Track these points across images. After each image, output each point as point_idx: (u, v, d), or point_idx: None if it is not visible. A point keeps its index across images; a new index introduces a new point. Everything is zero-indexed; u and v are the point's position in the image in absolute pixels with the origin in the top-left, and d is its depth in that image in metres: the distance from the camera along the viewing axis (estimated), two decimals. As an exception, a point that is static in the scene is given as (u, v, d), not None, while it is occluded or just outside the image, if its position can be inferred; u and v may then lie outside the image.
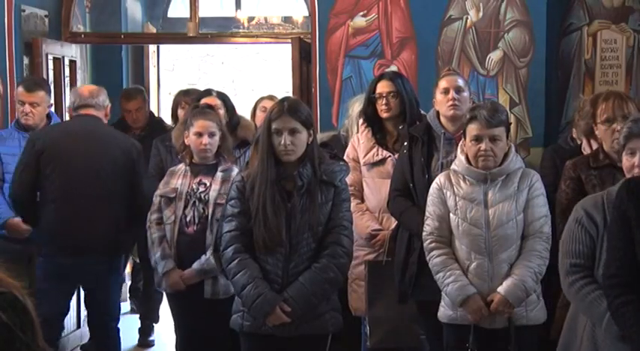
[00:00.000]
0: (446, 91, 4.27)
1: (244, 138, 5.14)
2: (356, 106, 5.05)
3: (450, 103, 4.25)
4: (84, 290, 4.96)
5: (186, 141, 4.49)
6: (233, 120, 5.15)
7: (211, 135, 4.45)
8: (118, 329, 4.96)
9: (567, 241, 3.12)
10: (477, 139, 3.80)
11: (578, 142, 4.68)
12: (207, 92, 5.27)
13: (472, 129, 3.81)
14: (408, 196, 4.28)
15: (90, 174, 4.70)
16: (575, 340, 3.16)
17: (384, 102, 4.61)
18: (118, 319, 4.98)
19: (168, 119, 6.39)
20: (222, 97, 5.22)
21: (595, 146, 4.28)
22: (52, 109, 5.62)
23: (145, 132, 6.29)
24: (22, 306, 1.63)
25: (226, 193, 4.32)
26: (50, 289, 4.64)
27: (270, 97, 6.14)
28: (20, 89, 5.35)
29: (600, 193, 3.17)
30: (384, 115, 4.63)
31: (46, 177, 4.70)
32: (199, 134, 4.43)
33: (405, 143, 4.35)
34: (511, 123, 4.81)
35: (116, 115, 6.09)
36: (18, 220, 5.12)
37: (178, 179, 4.47)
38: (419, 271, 4.14)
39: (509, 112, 5.78)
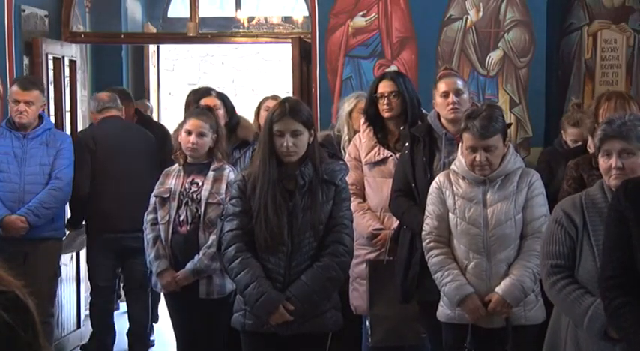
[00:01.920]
0: (445, 95, 4.25)
1: (244, 138, 5.14)
2: (345, 106, 5.07)
3: (450, 107, 4.24)
4: (123, 262, 5.64)
5: (179, 139, 4.51)
6: (233, 120, 5.15)
7: (200, 135, 4.45)
8: (149, 295, 5.76)
9: (547, 242, 3.13)
10: (472, 149, 3.78)
11: (570, 145, 4.75)
12: (207, 92, 5.26)
13: (467, 138, 3.78)
14: (409, 196, 4.28)
15: (124, 166, 5.45)
16: (560, 341, 3.16)
17: (385, 102, 4.61)
18: (150, 287, 5.38)
19: (168, 119, 6.35)
20: (222, 97, 5.22)
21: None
22: (52, 109, 5.62)
23: None
24: (24, 305, 1.63)
25: (218, 192, 4.35)
26: (100, 261, 5.59)
27: (274, 97, 6.12)
28: (15, 88, 5.27)
29: (578, 195, 3.17)
30: (386, 114, 4.63)
31: (96, 172, 5.46)
32: (189, 132, 4.46)
33: (407, 144, 4.34)
34: (511, 123, 4.82)
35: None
36: (15, 218, 5.12)
37: (172, 179, 4.49)
38: (422, 271, 4.13)
39: (509, 112, 5.80)
